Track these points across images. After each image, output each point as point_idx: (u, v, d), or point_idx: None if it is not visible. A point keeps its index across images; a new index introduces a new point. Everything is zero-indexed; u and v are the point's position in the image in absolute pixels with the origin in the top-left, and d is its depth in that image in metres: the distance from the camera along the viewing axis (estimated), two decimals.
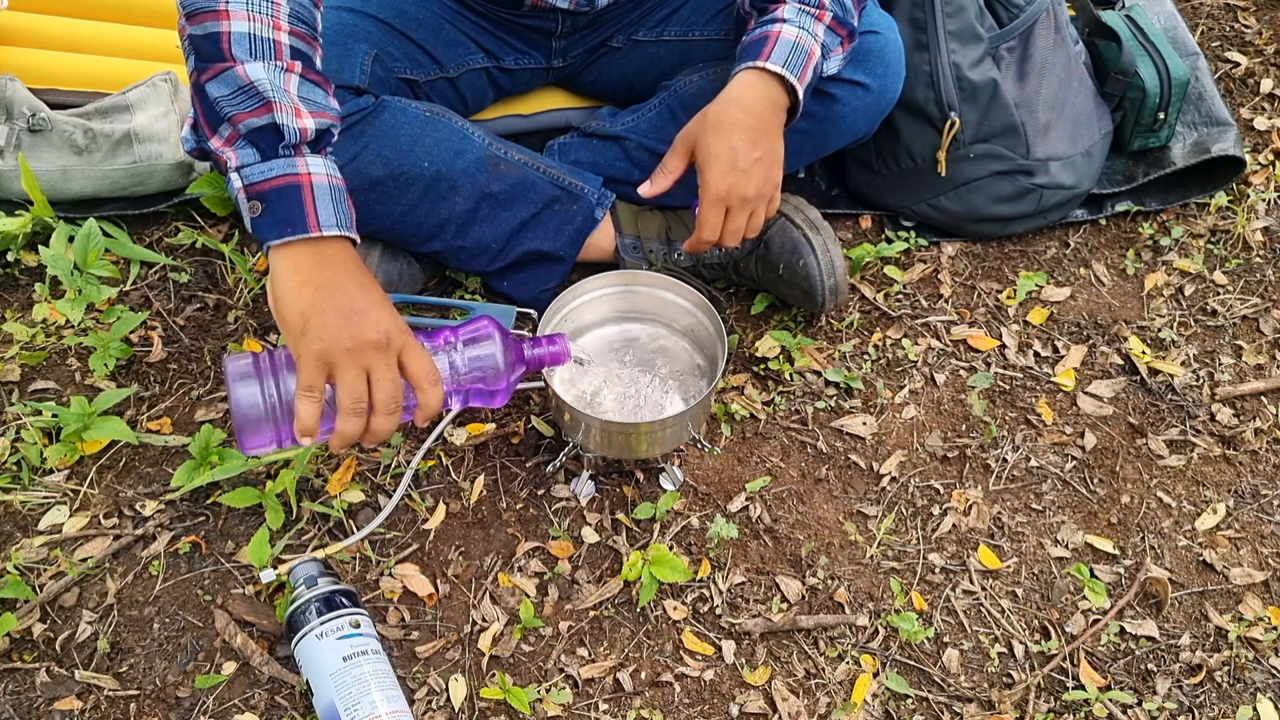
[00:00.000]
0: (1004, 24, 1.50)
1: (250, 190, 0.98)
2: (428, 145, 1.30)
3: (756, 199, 1.19)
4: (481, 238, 1.37)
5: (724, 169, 1.16)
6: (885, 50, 1.34)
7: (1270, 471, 1.39)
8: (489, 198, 1.34)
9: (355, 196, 1.28)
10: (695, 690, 1.19)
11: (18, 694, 1.15)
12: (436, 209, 1.33)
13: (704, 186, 1.17)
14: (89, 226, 1.42)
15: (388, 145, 1.27)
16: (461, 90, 1.45)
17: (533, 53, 1.47)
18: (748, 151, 1.16)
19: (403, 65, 1.36)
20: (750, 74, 1.18)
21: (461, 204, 1.34)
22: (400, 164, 1.29)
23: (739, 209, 1.18)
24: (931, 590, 1.28)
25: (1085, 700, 1.19)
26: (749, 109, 1.17)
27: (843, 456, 1.38)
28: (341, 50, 1.27)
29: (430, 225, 1.35)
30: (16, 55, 1.63)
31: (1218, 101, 1.69)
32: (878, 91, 1.35)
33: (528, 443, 1.37)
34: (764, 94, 1.18)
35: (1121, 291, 1.57)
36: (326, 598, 1.14)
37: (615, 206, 1.45)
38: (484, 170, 1.33)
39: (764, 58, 1.18)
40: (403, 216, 1.33)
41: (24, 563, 1.23)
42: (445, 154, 1.31)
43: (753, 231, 1.22)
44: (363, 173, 1.28)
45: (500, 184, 1.35)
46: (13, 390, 1.38)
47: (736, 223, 1.19)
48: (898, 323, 1.51)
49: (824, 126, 1.36)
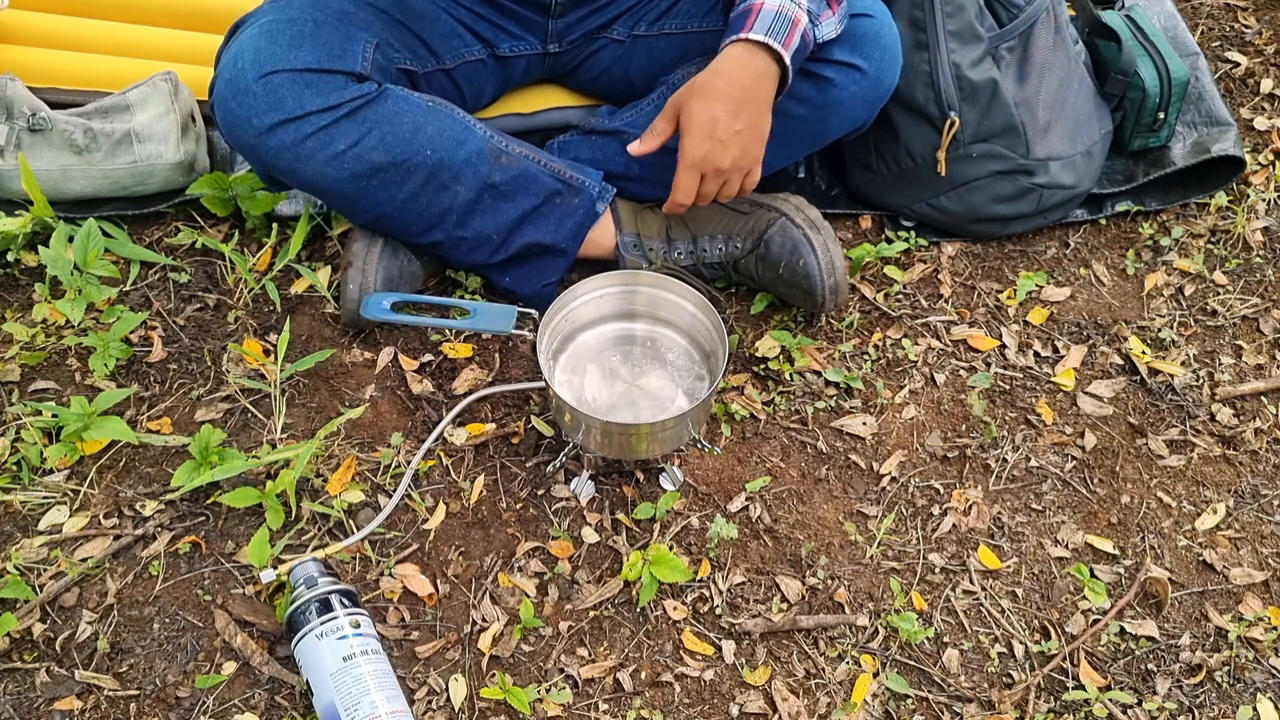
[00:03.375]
0: (1004, 24, 1.50)
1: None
2: (430, 133, 1.30)
3: (731, 170, 1.23)
4: (483, 229, 1.38)
5: (702, 136, 1.20)
6: (881, 34, 1.35)
7: (1270, 471, 1.39)
8: (491, 188, 1.35)
9: (357, 183, 1.30)
10: (695, 690, 1.19)
11: (18, 694, 1.15)
12: (438, 198, 1.34)
13: (682, 152, 1.22)
14: (89, 226, 1.42)
15: (390, 132, 1.28)
16: (459, 83, 1.45)
17: (528, 37, 1.47)
18: (728, 123, 1.20)
19: (402, 55, 1.36)
20: (736, 47, 1.21)
21: (463, 194, 1.34)
22: (403, 151, 1.29)
23: (713, 177, 1.24)
24: (931, 590, 1.28)
25: (1085, 700, 1.19)
26: (734, 81, 1.20)
27: (843, 456, 1.38)
28: (344, 36, 1.28)
29: (432, 214, 1.35)
30: (17, 54, 1.63)
31: (1218, 101, 1.69)
32: (875, 76, 1.36)
33: (528, 443, 1.37)
34: (750, 66, 1.21)
35: (1121, 291, 1.57)
36: (326, 598, 1.14)
37: (616, 204, 1.45)
38: (485, 161, 1.34)
39: (747, 29, 1.21)
40: (404, 204, 1.33)
41: (24, 563, 1.23)
42: (448, 143, 1.31)
43: (724, 197, 1.27)
44: (365, 158, 1.28)
45: (502, 175, 1.35)
46: (13, 390, 1.38)
47: (708, 188, 1.25)
48: (898, 323, 1.51)
49: (822, 112, 1.36)
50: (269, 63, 1.23)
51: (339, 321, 1.46)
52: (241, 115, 1.25)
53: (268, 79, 1.23)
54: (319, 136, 1.26)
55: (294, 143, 1.26)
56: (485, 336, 1.46)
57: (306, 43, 1.25)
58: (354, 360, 1.43)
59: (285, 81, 1.23)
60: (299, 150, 1.26)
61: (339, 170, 1.28)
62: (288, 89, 1.24)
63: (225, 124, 1.28)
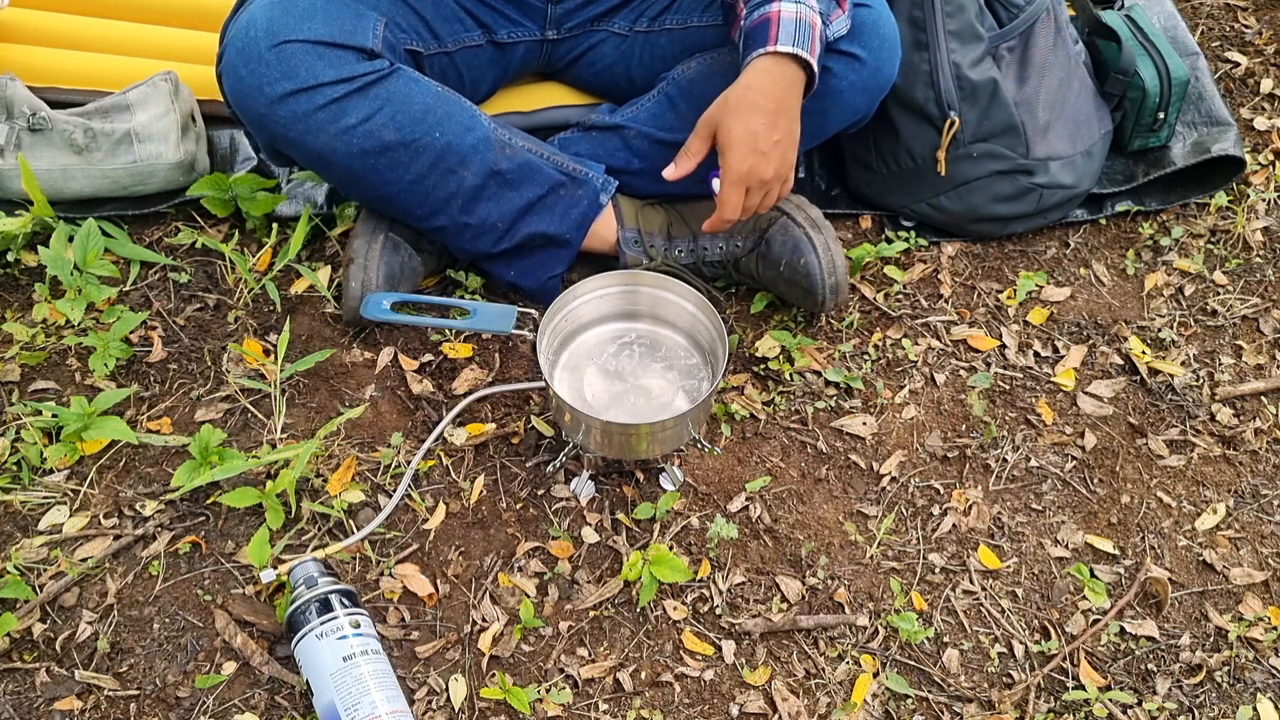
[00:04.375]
0: (1004, 24, 1.50)
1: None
2: (440, 116, 1.30)
3: (774, 180, 1.25)
4: (487, 216, 1.38)
5: (745, 152, 1.21)
6: (879, 23, 1.35)
7: (1270, 471, 1.39)
8: (497, 175, 1.35)
9: (365, 159, 1.29)
10: (695, 690, 1.19)
11: (18, 694, 1.15)
12: (445, 181, 1.34)
13: (725, 169, 1.23)
14: (89, 226, 1.42)
15: (402, 110, 1.28)
16: (460, 68, 1.45)
17: (526, 23, 1.47)
18: (767, 135, 1.21)
19: (409, 36, 1.37)
20: (764, 60, 1.22)
21: (470, 179, 1.34)
22: (413, 130, 1.29)
23: (757, 189, 1.25)
24: (931, 590, 1.28)
25: (1085, 700, 1.19)
26: (767, 94, 1.21)
27: (843, 456, 1.38)
28: (355, 14, 1.28)
29: (438, 198, 1.35)
30: (17, 53, 1.63)
31: (1218, 101, 1.69)
32: (874, 66, 1.36)
33: (528, 443, 1.37)
34: (780, 78, 1.22)
35: (1121, 291, 1.57)
36: (326, 598, 1.14)
37: (617, 199, 1.45)
38: (492, 149, 1.34)
39: (773, 41, 1.21)
40: (411, 185, 1.33)
41: (24, 563, 1.23)
42: (456, 127, 1.31)
43: (764, 208, 1.28)
44: (375, 135, 1.28)
45: (508, 163, 1.35)
46: (13, 390, 1.38)
47: (753, 201, 1.26)
48: (898, 323, 1.51)
49: (822, 103, 1.36)
50: (282, 32, 1.23)
51: (340, 319, 1.46)
52: (253, 83, 1.24)
53: (281, 48, 1.22)
54: (331, 109, 1.25)
55: (305, 113, 1.25)
56: (485, 336, 1.46)
57: (319, 15, 1.24)
58: (354, 360, 1.43)
59: (299, 51, 1.23)
60: (310, 121, 1.25)
61: (348, 145, 1.28)
62: (301, 58, 1.23)
63: (234, 92, 1.27)
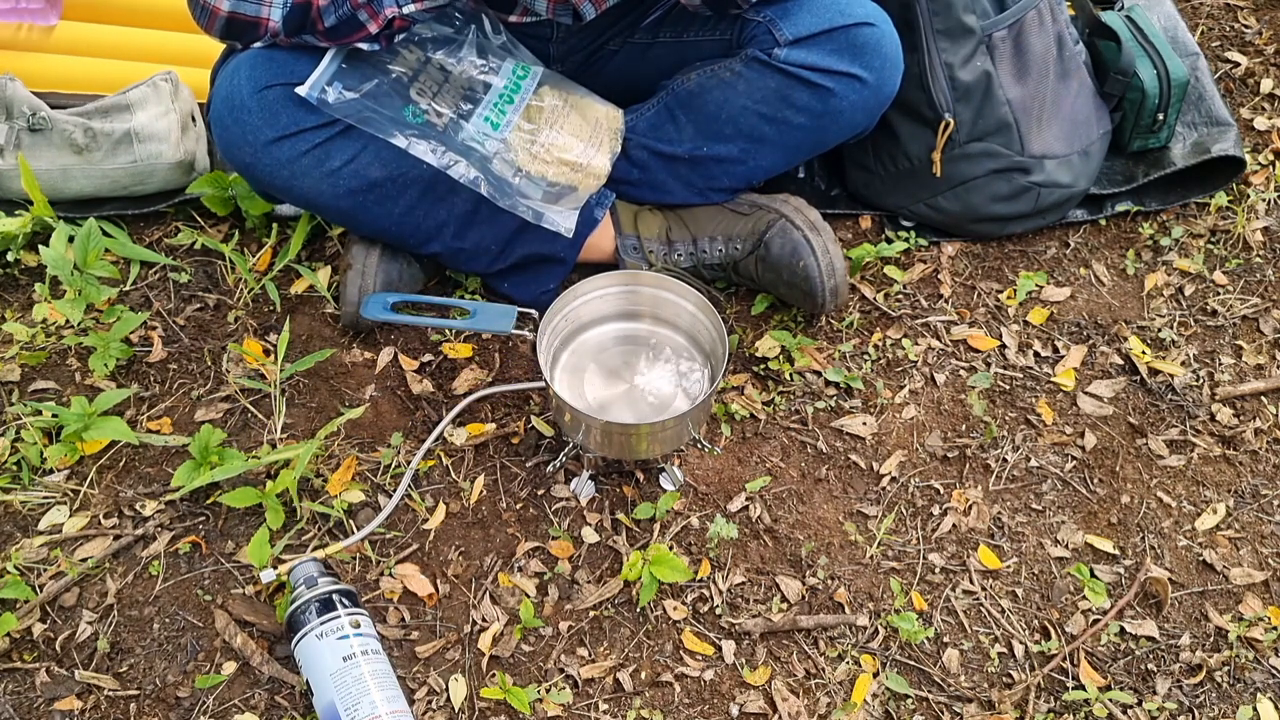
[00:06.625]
0: (1006, 7, 1.47)
1: None
2: None
3: None
4: (481, 239, 1.38)
5: None
6: (881, 43, 1.34)
7: (1270, 471, 1.39)
8: (488, 200, 1.35)
9: (354, 199, 1.30)
10: (695, 690, 1.19)
11: (18, 694, 1.15)
12: (435, 210, 1.34)
13: None
14: (89, 226, 1.42)
15: (386, 146, 1.28)
16: None
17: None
18: None
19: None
20: None
21: (460, 205, 1.34)
22: (399, 165, 1.29)
23: None
24: (931, 590, 1.28)
25: (1085, 700, 1.19)
26: None
27: (843, 456, 1.38)
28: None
29: (429, 226, 1.35)
30: (16, 59, 1.63)
31: (1218, 101, 1.69)
32: (875, 85, 1.35)
33: (528, 443, 1.37)
34: None
35: (1121, 291, 1.57)
36: (326, 598, 1.14)
37: (615, 207, 1.45)
38: None
39: None
40: (401, 218, 1.33)
41: (24, 563, 1.23)
42: None
43: None
44: (361, 174, 1.28)
45: None
46: (13, 390, 1.38)
47: None
48: (898, 323, 1.51)
49: (822, 121, 1.36)
50: (264, 77, 1.24)
51: (339, 324, 1.46)
52: (238, 132, 1.25)
53: (264, 94, 1.24)
54: (315, 154, 1.26)
55: (290, 159, 1.26)
56: (485, 336, 1.46)
57: (303, 60, 1.25)
58: (354, 360, 1.43)
59: (281, 96, 1.24)
60: (295, 166, 1.27)
61: (335, 186, 1.29)
62: (283, 104, 1.24)
63: (222, 142, 1.28)
